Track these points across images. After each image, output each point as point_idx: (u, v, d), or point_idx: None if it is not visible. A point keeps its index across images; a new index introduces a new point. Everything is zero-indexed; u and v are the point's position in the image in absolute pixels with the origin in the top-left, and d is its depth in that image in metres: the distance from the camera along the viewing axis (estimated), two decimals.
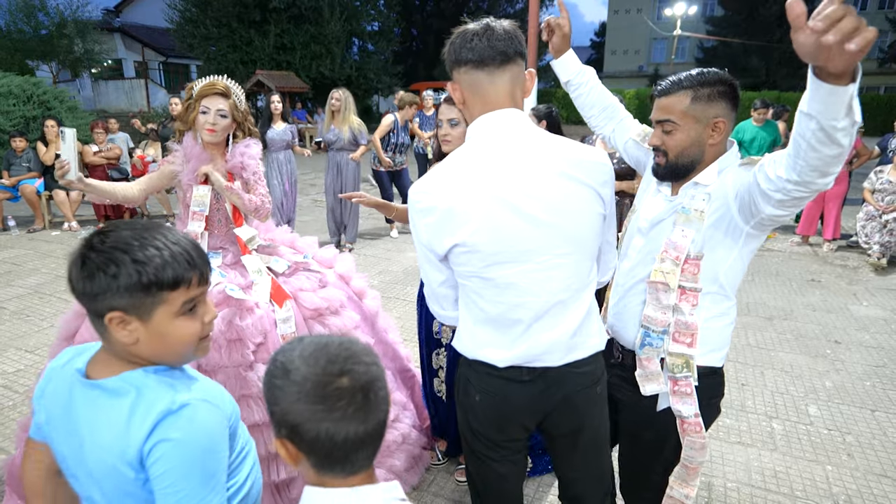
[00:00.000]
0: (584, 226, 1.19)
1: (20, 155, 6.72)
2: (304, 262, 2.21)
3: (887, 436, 2.72)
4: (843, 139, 0.99)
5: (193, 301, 0.90)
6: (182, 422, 0.84)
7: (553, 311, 1.21)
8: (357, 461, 0.76)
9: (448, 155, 1.35)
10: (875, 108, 24.42)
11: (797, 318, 4.21)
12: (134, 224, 0.89)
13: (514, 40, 1.18)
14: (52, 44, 18.26)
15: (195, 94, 2.00)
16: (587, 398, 1.30)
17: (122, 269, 0.82)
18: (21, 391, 3.04)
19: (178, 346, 0.90)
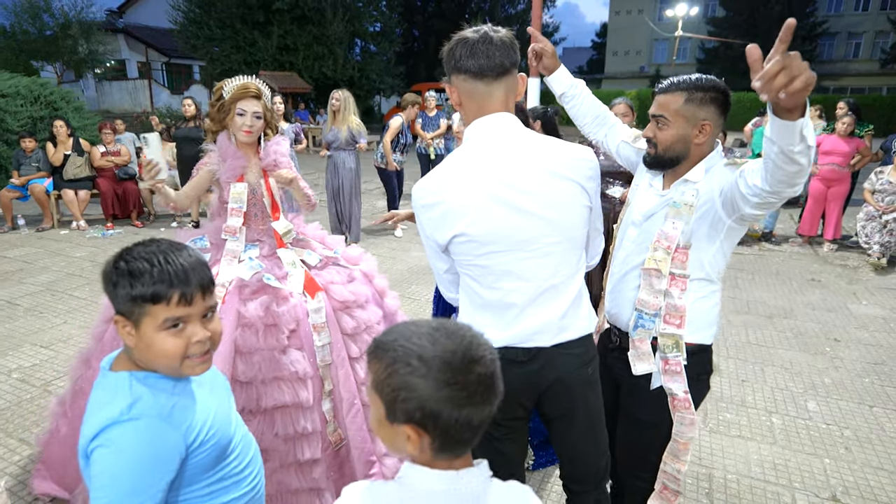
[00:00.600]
0: (571, 217, 1.30)
1: (29, 155, 6.80)
2: (333, 258, 2.32)
3: (884, 430, 2.79)
4: (801, 159, 1.17)
5: (177, 319, 0.94)
6: (125, 432, 0.90)
7: (545, 295, 1.33)
8: (468, 444, 0.79)
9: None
10: (878, 110, 24.45)
11: (797, 316, 4.28)
12: (158, 241, 0.98)
13: (511, 51, 1.28)
14: (57, 44, 18.39)
15: (228, 97, 2.09)
16: (579, 378, 1.40)
17: (121, 279, 0.93)
18: (38, 385, 3.12)
19: (161, 358, 0.95)
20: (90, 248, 5.89)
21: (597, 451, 1.50)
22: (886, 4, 31.40)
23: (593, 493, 1.51)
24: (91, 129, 10.07)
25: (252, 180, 2.18)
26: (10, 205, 6.69)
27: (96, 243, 6.15)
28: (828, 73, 32.47)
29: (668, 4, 32.29)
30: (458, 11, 26.34)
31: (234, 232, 2.14)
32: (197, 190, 2.22)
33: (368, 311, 2.19)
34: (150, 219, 7.27)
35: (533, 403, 1.44)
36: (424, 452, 0.78)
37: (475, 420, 0.76)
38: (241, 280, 2.01)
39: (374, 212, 8.11)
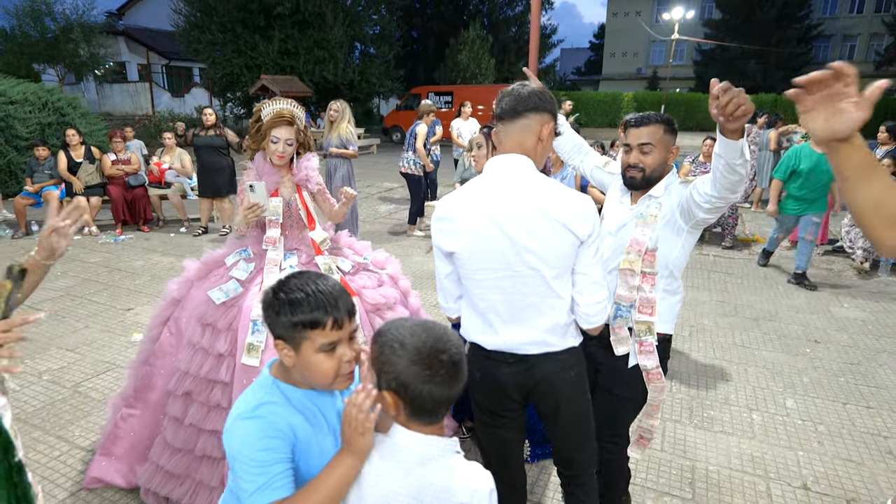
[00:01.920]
0: (553, 250, 1.49)
1: (42, 163, 7.00)
2: (364, 263, 2.56)
3: (855, 426, 3.02)
4: (741, 170, 1.54)
5: (333, 343, 1.09)
6: (244, 426, 1.08)
7: (527, 311, 1.56)
8: (436, 416, 1.07)
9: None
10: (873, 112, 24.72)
11: (781, 319, 4.51)
12: (307, 273, 1.14)
13: (529, 100, 1.53)
14: (58, 47, 18.53)
15: (265, 123, 2.31)
16: (562, 380, 1.63)
17: (283, 308, 1.08)
18: (68, 386, 3.33)
19: (319, 377, 1.11)
20: (104, 254, 6.10)
21: (583, 441, 1.74)
22: (881, 7, 31.72)
23: (581, 477, 1.76)
24: (98, 135, 10.27)
25: (286, 194, 2.40)
26: (24, 211, 6.89)
27: (109, 248, 6.36)
28: None
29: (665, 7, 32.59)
30: (456, 14, 26.56)
31: (273, 242, 2.36)
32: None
33: (397, 312, 2.44)
34: (158, 224, 7.48)
35: (523, 398, 1.68)
36: (401, 415, 1.07)
37: (436, 395, 1.03)
38: None
39: (375, 216, 8.32)
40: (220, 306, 2.19)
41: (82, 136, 7.19)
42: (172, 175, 7.46)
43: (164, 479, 2.20)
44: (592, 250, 1.53)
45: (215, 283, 2.27)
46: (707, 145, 6.44)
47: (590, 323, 1.59)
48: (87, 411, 3.06)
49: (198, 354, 2.16)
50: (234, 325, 2.16)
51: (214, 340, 2.15)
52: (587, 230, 1.49)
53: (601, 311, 1.59)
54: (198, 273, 2.38)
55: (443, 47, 24.66)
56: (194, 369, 2.15)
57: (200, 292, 2.27)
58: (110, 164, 7.11)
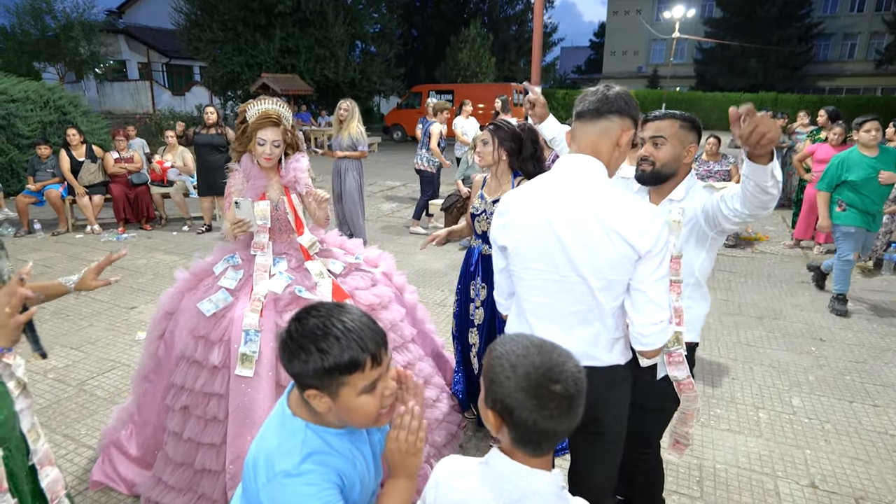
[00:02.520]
0: (604, 261, 1.40)
1: (45, 161, 6.99)
2: (356, 263, 2.51)
3: (862, 424, 3.02)
4: (772, 191, 1.47)
5: (374, 382, 1.00)
6: (293, 485, 0.99)
7: (569, 319, 1.49)
8: (544, 449, 0.97)
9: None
10: (872, 110, 24.67)
11: (786, 317, 4.51)
12: (322, 309, 1.02)
13: (615, 102, 1.44)
14: (59, 46, 18.51)
15: (250, 125, 2.23)
16: (601, 397, 1.49)
17: (310, 356, 0.96)
18: (74, 384, 3.33)
19: (361, 419, 1.03)
20: (106, 253, 6.04)
21: (603, 468, 1.64)
22: (881, 5, 31.69)
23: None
24: (99, 133, 10.27)
25: (274, 197, 2.33)
26: (26, 209, 6.89)
27: (111, 247, 6.35)
28: (823, 73, 32.77)
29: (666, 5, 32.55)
30: (456, 12, 26.53)
31: (261, 247, 2.30)
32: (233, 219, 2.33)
33: (392, 311, 2.40)
34: (161, 223, 7.47)
35: None
36: (505, 439, 0.99)
37: (543, 426, 0.93)
38: (273, 293, 2.19)
39: (378, 214, 8.32)
40: (210, 318, 2.15)
41: (83, 136, 7.18)
42: (175, 173, 7.46)
43: (167, 494, 2.17)
44: (653, 266, 1.40)
45: (205, 294, 2.23)
46: (711, 143, 6.42)
47: (642, 344, 1.46)
48: (93, 409, 3.05)
49: (192, 368, 2.13)
50: (226, 336, 2.12)
51: (208, 353, 2.10)
52: (647, 244, 1.38)
53: (657, 334, 1.44)
54: (188, 284, 2.33)
55: (443, 46, 24.64)
56: (189, 383, 2.11)
57: (191, 304, 2.22)
58: (113, 163, 7.11)
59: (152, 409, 2.31)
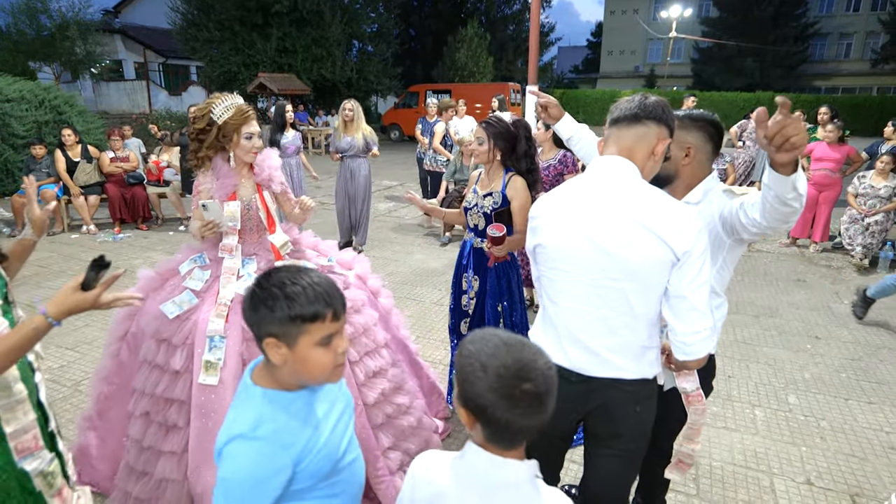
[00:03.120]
0: (638, 262, 1.35)
1: (40, 161, 6.96)
2: (329, 265, 2.43)
3: (857, 421, 3.03)
4: (794, 204, 1.37)
5: (331, 335, 1.05)
6: (244, 450, 1.03)
7: (596, 325, 1.43)
8: (517, 442, 1.00)
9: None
10: (867, 109, 24.80)
11: (782, 315, 4.52)
12: (290, 267, 1.10)
13: (654, 108, 1.42)
14: (54, 45, 18.44)
15: (232, 122, 2.13)
16: (624, 412, 1.49)
17: (277, 303, 1.02)
18: (69, 385, 3.32)
19: (316, 371, 1.07)
20: (102, 252, 6.05)
21: (618, 482, 1.59)
22: (877, 5, 31.81)
23: None
24: (95, 133, 10.23)
25: (245, 196, 2.25)
26: (21, 209, 6.84)
27: (107, 247, 6.33)
28: (819, 73, 32.88)
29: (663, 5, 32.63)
30: (454, 12, 26.50)
31: (230, 250, 2.21)
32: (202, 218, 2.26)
33: (364, 315, 2.30)
34: (157, 223, 7.45)
35: (577, 421, 1.56)
36: (478, 435, 1.00)
37: (515, 425, 0.95)
38: (241, 297, 2.09)
39: (375, 214, 8.30)
40: (174, 320, 2.06)
41: (79, 135, 7.15)
42: (171, 173, 7.43)
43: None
44: (693, 271, 1.34)
45: (170, 294, 2.14)
46: None
47: (686, 354, 1.40)
48: None
49: (153, 372, 2.05)
50: (189, 339, 2.04)
51: (169, 357, 2.02)
52: (685, 246, 1.32)
53: (701, 342, 1.39)
54: (152, 283, 2.23)
55: (441, 45, 24.61)
56: (150, 388, 2.03)
57: (155, 305, 2.11)
58: (109, 162, 7.08)
59: (118, 414, 2.20)
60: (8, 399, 1.23)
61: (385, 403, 2.27)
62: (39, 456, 1.27)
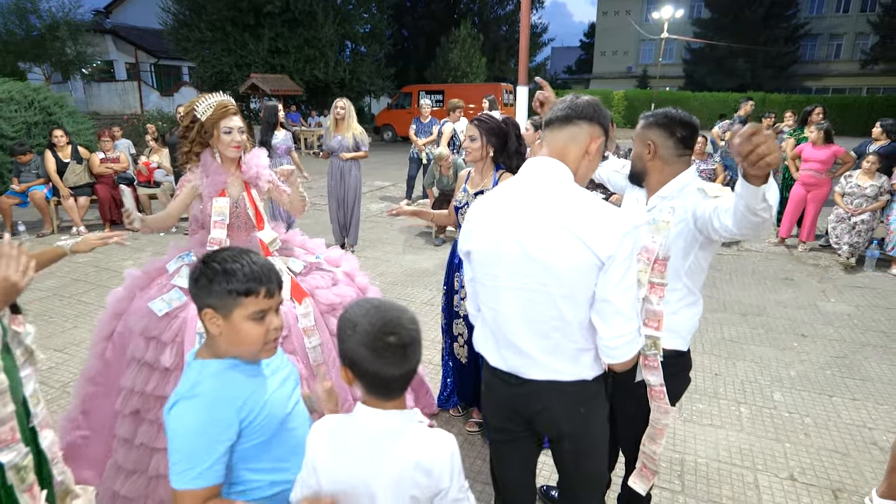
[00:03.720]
0: (564, 267, 1.35)
1: (27, 164, 6.92)
2: (316, 262, 2.46)
3: (841, 418, 3.07)
4: (763, 214, 1.40)
5: (263, 311, 1.16)
6: (186, 407, 1.13)
7: (531, 328, 1.43)
8: (392, 392, 1.12)
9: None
10: (857, 110, 25.06)
11: (769, 313, 4.56)
12: (232, 248, 1.20)
13: (584, 109, 1.43)
14: (44, 46, 18.30)
15: (208, 118, 2.17)
16: (568, 414, 1.48)
17: (216, 277, 1.14)
18: (57, 386, 3.31)
19: (247, 344, 1.17)
20: (92, 254, 6.04)
21: (585, 476, 1.60)
22: (866, 6, 32.10)
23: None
24: (85, 134, 10.16)
25: (234, 194, 2.29)
26: (9, 211, 6.82)
27: (98, 249, 6.28)
28: (810, 73, 33.14)
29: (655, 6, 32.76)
30: (447, 13, 26.51)
31: (219, 243, 2.22)
32: (181, 208, 2.30)
33: None
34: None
35: (525, 423, 1.56)
36: (361, 391, 1.13)
37: (383, 373, 1.07)
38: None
39: (367, 214, 8.30)
40: (163, 318, 2.07)
41: (69, 136, 7.12)
42: (161, 174, 7.41)
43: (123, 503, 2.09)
44: (618, 275, 1.33)
45: (158, 293, 2.15)
46: (700, 143, 6.49)
47: (611, 357, 1.40)
48: None
49: (143, 370, 2.05)
50: (178, 336, 2.05)
51: (159, 354, 2.04)
52: (609, 250, 1.31)
53: (625, 346, 1.38)
54: (139, 283, 2.24)
55: (434, 46, 24.61)
56: (139, 386, 2.03)
57: (143, 303, 2.13)
58: (99, 163, 7.05)
59: (104, 414, 2.19)
60: None
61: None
62: (15, 449, 1.28)
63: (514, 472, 1.69)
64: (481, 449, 2.75)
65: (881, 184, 5.75)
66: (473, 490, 2.40)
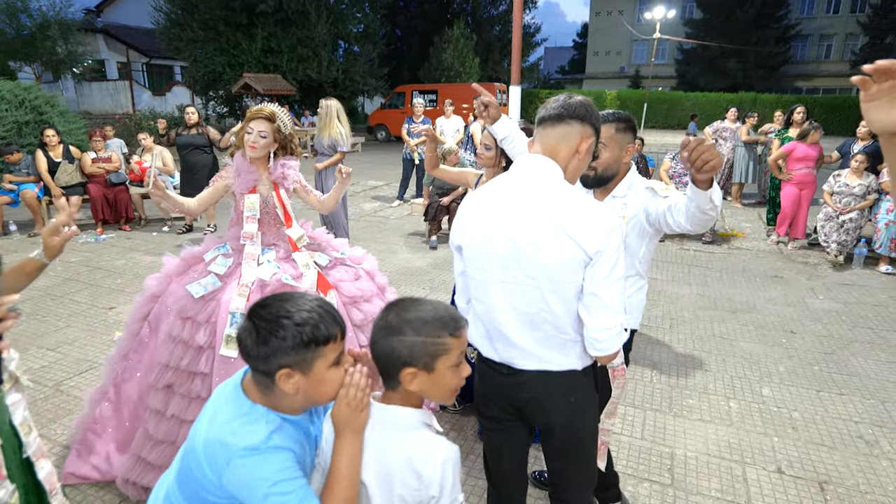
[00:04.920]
0: (552, 262, 1.38)
1: (17, 163, 6.88)
2: (341, 258, 2.63)
3: (828, 412, 3.12)
4: (711, 213, 1.64)
5: (340, 353, 1.10)
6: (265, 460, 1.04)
7: (521, 321, 1.46)
8: (385, 378, 1.15)
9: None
10: (847, 110, 25.24)
11: (759, 311, 4.62)
12: (283, 296, 1.10)
13: (577, 109, 1.44)
14: (35, 45, 18.16)
15: (246, 118, 2.43)
16: (558, 404, 1.52)
17: (288, 332, 1.02)
18: (50, 385, 3.30)
19: (331, 391, 1.10)
20: (85, 253, 6.02)
21: (574, 470, 1.63)
22: (856, 7, 32.43)
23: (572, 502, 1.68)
24: (77, 134, 10.10)
25: (264, 192, 2.49)
26: (0, 210, 6.77)
27: (90, 248, 6.27)
28: (801, 73, 33.45)
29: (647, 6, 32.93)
30: (440, 12, 26.55)
31: (251, 237, 2.44)
32: (209, 200, 2.54)
33: (373, 305, 2.51)
34: (140, 223, 7.40)
35: (516, 411, 1.59)
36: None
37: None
38: (261, 280, 2.30)
39: (361, 214, 8.32)
40: (198, 300, 2.24)
41: (61, 136, 7.08)
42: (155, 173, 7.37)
43: (146, 470, 2.23)
44: (605, 270, 1.37)
45: (194, 279, 2.32)
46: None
47: (597, 350, 1.42)
48: (69, 409, 3.03)
49: (178, 347, 2.20)
50: (213, 318, 2.22)
51: (194, 333, 2.20)
52: (597, 246, 1.35)
53: (612, 339, 1.41)
54: (177, 269, 2.43)
55: (427, 46, 24.64)
56: (174, 362, 2.19)
57: (179, 287, 2.31)
58: (90, 163, 7.02)
59: (133, 389, 2.37)
60: None
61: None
62: (2, 486, 1.20)
63: (506, 461, 1.71)
64: (474, 444, 2.78)
65: (868, 183, 5.83)
66: (466, 486, 2.43)
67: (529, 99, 24.88)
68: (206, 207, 2.57)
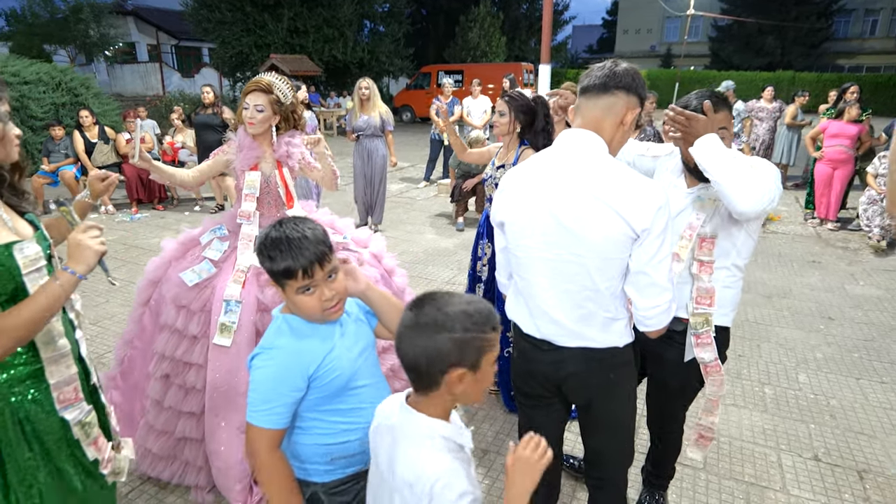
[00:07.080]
0: (598, 238, 1.36)
1: (58, 143, 7.07)
2: (343, 242, 2.50)
3: (868, 400, 3.03)
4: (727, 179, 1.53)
5: (306, 286, 1.21)
6: (264, 358, 1.26)
7: (562, 298, 1.45)
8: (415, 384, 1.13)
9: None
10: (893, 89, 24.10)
11: (795, 296, 4.49)
12: (284, 224, 1.24)
13: (622, 78, 1.39)
14: (69, 28, 18.54)
15: (242, 92, 2.26)
16: (598, 381, 1.51)
17: (264, 262, 1.23)
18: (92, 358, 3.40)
19: (306, 312, 1.26)
20: (121, 232, 6.19)
21: (611, 448, 1.63)
22: None
23: (608, 484, 1.69)
24: (111, 115, 10.34)
25: (266, 170, 2.35)
26: (41, 190, 6.98)
27: (126, 227, 6.45)
28: (843, 51, 31.90)
29: None
30: None
31: (248, 216, 2.30)
32: (208, 173, 2.42)
33: None
34: (173, 203, 7.55)
35: (555, 388, 1.59)
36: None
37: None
38: (256, 268, 2.19)
39: (389, 195, 8.30)
40: (193, 288, 2.17)
41: (95, 117, 7.24)
42: (186, 154, 7.51)
43: (153, 462, 2.23)
44: (653, 247, 1.34)
45: (191, 263, 2.25)
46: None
47: (647, 326, 1.43)
48: None
49: (173, 337, 2.16)
50: (207, 306, 2.15)
51: (188, 322, 2.14)
52: (645, 223, 1.32)
53: (661, 315, 1.40)
54: (174, 253, 2.35)
55: (453, 25, 24.25)
56: (170, 351, 2.15)
57: (176, 273, 2.24)
58: (125, 143, 7.17)
59: (139, 375, 2.34)
60: (53, 353, 1.31)
61: (394, 379, 2.33)
62: (78, 407, 1.36)
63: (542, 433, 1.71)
64: (503, 424, 2.79)
65: None
66: (496, 465, 2.44)
67: (557, 79, 24.38)
68: (204, 181, 2.46)
